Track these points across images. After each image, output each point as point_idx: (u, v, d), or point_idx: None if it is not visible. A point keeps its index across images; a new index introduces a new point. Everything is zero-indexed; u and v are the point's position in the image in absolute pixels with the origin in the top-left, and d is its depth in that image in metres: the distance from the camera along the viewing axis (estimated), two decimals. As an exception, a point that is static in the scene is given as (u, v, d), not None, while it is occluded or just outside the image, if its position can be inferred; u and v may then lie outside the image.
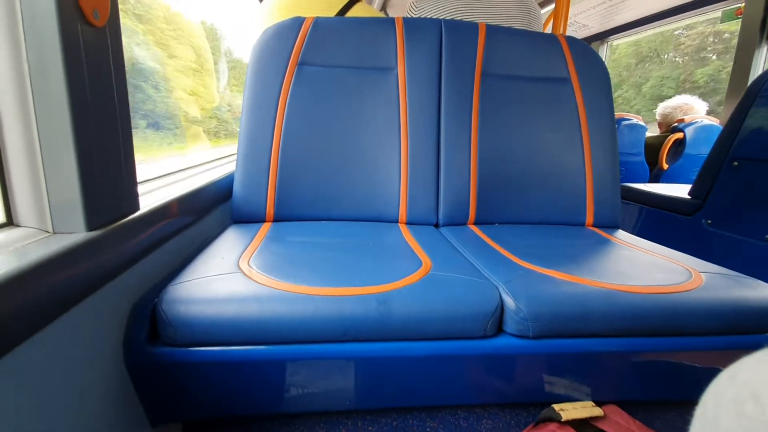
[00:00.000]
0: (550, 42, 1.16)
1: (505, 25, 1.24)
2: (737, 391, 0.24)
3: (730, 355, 0.27)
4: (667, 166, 2.29)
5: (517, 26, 1.29)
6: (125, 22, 0.91)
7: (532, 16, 1.34)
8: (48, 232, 0.50)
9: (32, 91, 0.47)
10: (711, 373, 0.27)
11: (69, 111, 0.48)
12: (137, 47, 1.15)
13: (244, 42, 2.20)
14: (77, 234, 0.50)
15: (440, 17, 1.27)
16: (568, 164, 1.13)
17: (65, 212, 0.50)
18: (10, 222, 0.50)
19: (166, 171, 0.99)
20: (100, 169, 0.53)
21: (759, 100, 1.22)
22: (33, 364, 0.41)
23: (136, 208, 0.62)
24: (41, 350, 0.42)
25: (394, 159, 1.06)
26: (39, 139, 0.48)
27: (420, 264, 0.72)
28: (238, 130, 1.03)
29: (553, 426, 0.62)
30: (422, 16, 1.29)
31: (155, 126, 1.28)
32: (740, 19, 1.92)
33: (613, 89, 1.23)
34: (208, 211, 0.95)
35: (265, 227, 0.93)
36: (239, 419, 0.69)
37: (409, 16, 1.33)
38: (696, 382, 0.27)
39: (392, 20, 1.12)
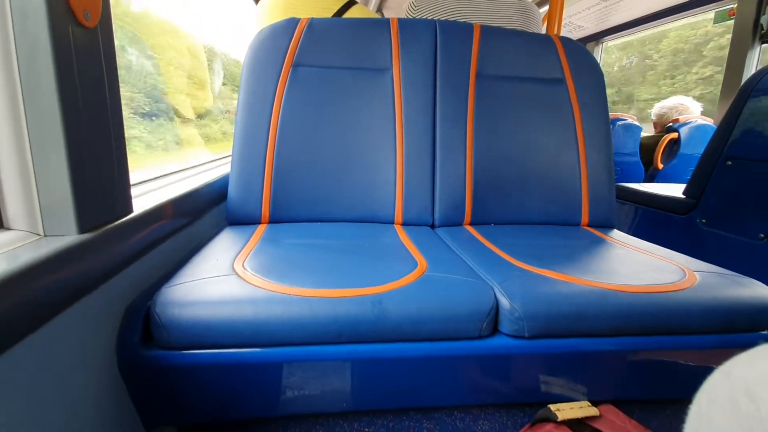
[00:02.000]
0: (545, 43, 1.17)
1: (503, 26, 1.25)
2: (731, 388, 0.24)
3: (725, 353, 0.27)
4: (662, 165, 2.30)
5: (516, 28, 1.30)
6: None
7: (530, 17, 1.34)
8: (39, 234, 0.49)
9: (23, 92, 0.46)
10: (706, 372, 0.27)
11: (60, 113, 0.47)
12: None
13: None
14: (68, 237, 0.49)
15: (439, 18, 1.27)
16: (563, 164, 1.13)
17: (56, 215, 0.49)
18: (0, 225, 0.49)
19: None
20: (91, 171, 0.52)
21: (752, 99, 1.23)
22: (24, 368, 0.41)
23: (129, 210, 0.62)
24: (33, 354, 0.42)
25: (389, 160, 1.06)
26: (29, 141, 0.47)
27: (415, 265, 0.72)
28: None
29: (549, 426, 0.62)
30: (421, 16, 1.29)
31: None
32: (733, 20, 1.93)
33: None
34: (202, 213, 0.95)
35: (260, 229, 0.93)
36: (235, 423, 0.69)
37: (408, 16, 1.33)
38: (691, 381, 0.27)
39: (387, 21, 1.12)
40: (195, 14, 1.61)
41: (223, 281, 0.62)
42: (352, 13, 1.38)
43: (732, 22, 1.94)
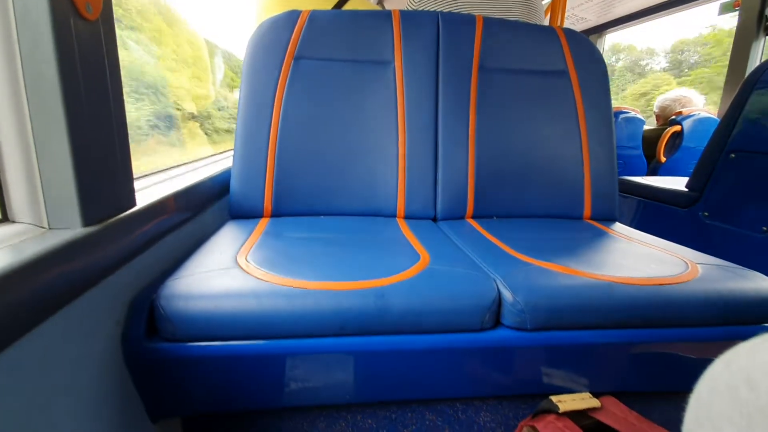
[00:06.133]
0: (548, 34, 1.16)
1: (506, 18, 1.24)
2: (732, 377, 0.24)
3: (726, 345, 0.27)
4: (664, 159, 2.29)
5: (518, 19, 1.28)
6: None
7: (533, 9, 1.33)
8: (43, 227, 0.50)
9: (25, 86, 0.46)
10: (707, 364, 0.28)
11: (63, 106, 0.47)
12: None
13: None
14: (73, 230, 0.49)
15: (441, 9, 1.26)
16: (566, 157, 1.13)
17: (60, 208, 0.49)
18: (5, 218, 0.50)
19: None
20: (95, 164, 0.53)
21: (756, 91, 1.22)
22: (30, 361, 0.41)
23: (133, 203, 0.62)
24: (38, 347, 0.42)
25: (391, 153, 1.06)
26: (33, 135, 0.47)
27: (418, 258, 0.72)
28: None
29: (550, 417, 0.63)
30: (422, 8, 1.29)
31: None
32: (738, 11, 1.91)
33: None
34: (205, 207, 0.95)
35: (263, 222, 0.93)
36: (239, 414, 0.69)
37: (409, 8, 1.32)
38: (692, 373, 0.27)
39: (389, 13, 1.11)
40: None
41: (226, 274, 0.63)
42: (353, 4, 1.37)
43: (737, 13, 1.92)
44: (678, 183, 1.58)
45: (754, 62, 1.86)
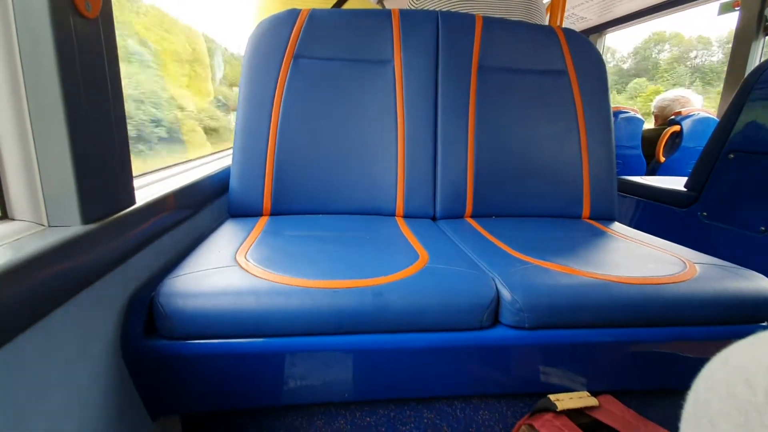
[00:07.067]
0: (548, 34, 1.16)
1: (506, 17, 1.23)
2: (729, 374, 0.24)
3: (724, 344, 0.27)
4: (663, 158, 2.29)
5: (518, 19, 1.28)
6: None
7: (533, 8, 1.33)
8: (43, 225, 0.50)
9: (25, 84, 0.46)
10: (705, 363, 0.28)
11: (62, 104, 0.47)
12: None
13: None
14: (72, 227, 0.49)
15: (441, 9, 1.26)
16: (565, 157, 1.13)
17: (60, 205, 0.49)
18: (5, 215, 0.50)
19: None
20: (94, 162, 0.53)
21: (755, 92, 1.22)
22: (29, 358, 0.41)
23: (132, 201, 0.62)
24: (37, 344, 0.42)
25: (391, 152, 1.06)
26: (33, 132, 0.47)
27: (417, 257, 0.72)
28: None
29: (548, 416, 0.63)
30: (423, 7, 1.28)
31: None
32: (737, 11, 1.91)
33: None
34: (204, 205, 0.95)
35: (262, 221, 0.93)
36: (238, 412, 0.70)
37: (409, 7, 1.32)
38: (690, 372, 0.28)
39: (388, 12, 1.11)
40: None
41: (225, 272, 0.63)
42: (353, 3, 1.37)
43: (737, 13, 1.92)
44: (677, 183, 1.58)
45: (754, 62, 1.86)
